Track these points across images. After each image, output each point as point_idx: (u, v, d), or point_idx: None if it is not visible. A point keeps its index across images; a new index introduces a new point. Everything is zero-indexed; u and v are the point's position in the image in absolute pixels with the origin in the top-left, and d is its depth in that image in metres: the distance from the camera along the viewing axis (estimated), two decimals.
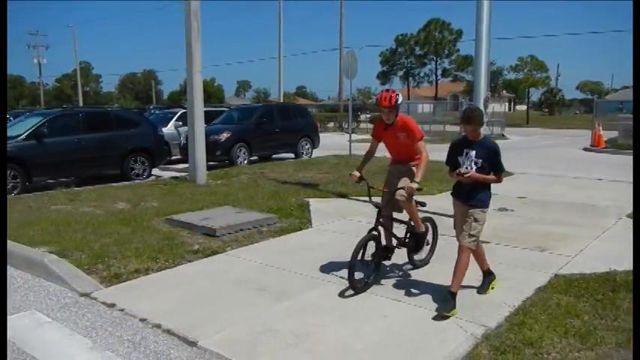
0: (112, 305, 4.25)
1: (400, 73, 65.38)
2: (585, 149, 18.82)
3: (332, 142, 20.37)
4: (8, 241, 5.87)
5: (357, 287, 4.32)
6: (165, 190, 9.56)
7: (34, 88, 75.61)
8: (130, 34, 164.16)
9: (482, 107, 7.14)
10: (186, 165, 12.01)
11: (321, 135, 17.83)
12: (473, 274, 4.79)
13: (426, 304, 4.10)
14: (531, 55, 51.77)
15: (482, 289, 4.35)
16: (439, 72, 63.52)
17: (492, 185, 4.17)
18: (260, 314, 3.99)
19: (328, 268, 5.02)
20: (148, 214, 7.33)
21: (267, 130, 15.29)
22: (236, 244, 5.96)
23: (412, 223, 4.88)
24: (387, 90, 4.56)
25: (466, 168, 3.99)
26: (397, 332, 3.64)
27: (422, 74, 65.07)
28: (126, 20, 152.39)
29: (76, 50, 47.34)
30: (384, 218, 4.66)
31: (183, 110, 15.13)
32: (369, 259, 4.51)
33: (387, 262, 4.92)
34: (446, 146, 4.42)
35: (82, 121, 11.38)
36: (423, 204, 4.87)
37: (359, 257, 4.30)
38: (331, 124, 33.35)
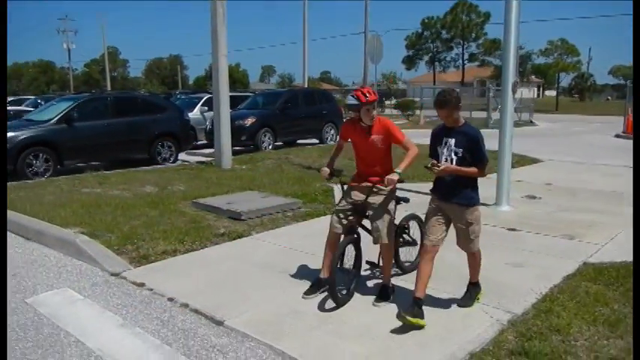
0: (141, 285, 4.36)
1: (426, 57, 64.40)
2: (617, 136, 18.31)
3: None
4: (42, 222, 6.07)
5: (339, 300, 3.82)
6: (192, 175, 9.69)
7: (63, 73, 77.14)
8: (156, 18, 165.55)
9: (510, 93, 6.99)
10: (211, 150, 12.13)
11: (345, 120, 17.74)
12: (500, 260, 4.76)
13: (451, 290, 4.09)
14: (562, 39, 50.33)
15: (464, 300, 3.84)
16: (466, 56, 62.35)
17: (514, 171, 4.06)
18: (284, 296, 4.04)
19: None
20: (175, 198, 7.46)
21: (292, 116, 15.30)
22: (261, 227, 6.02)
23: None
24: (361, 86, 4.06)
25: (445, 159, 3.52)
26: None
27: (448, 59, 64.05)
28: (152, 5, 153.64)
29: (104, 36, 47.95)
30: (363, 218, 4.06)
31: (209, 95, 15.25)
32: (348, 266, 4.04)
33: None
34: None
35: (111, 105, 11.58)
36: (406, 200, 4.25)
37: (338, 265, 3.87)
38: None
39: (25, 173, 9.72)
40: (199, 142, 15.09)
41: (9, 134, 9.86)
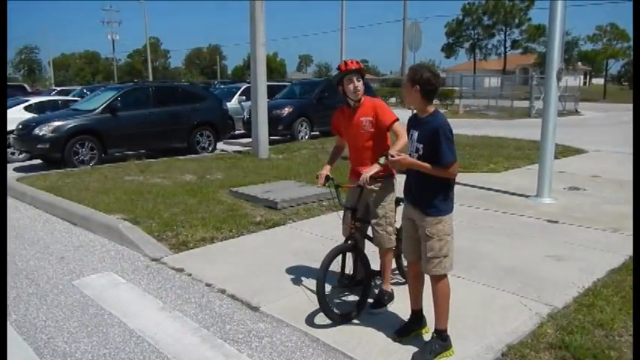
0: (181, 270, 4.48)
1: (466, 45, 62.80)
2: None
3: None
4: (88, 208, 6.31)
5: (335, 317, 3.38)
6: (229, 164, 9.84)
7: (108, 64, 79.50)
8: (196, 9, 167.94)
9: (554, 80, 6.74)
10: (249, 139, 12.26)
11: None
12: (539, 252, 4.64)
13: (489, 282, 4.02)
14: (611, 23, 48.16)
15: (420, 354, 2.96)
16: (508, 43, 60.45)
17: (558, 162, 3.55)
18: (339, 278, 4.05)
19: None
20: (213, 186, 7.60)
21: (329, 105, 15.18)
22: (297, 216, 6.07)
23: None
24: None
25: (409, 155, 2.93)
26: (457, 306, 3.57)
27: (489, 46, 62.19)
28: None
29: (147, 27, 48.86)
30: (360, 222, 3.61)
31: (247, 85, 15.40)
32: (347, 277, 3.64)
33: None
34: (513, 123, 4.17)
35: (152, 95, 11.86)
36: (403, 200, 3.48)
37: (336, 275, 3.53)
38: (393, 99, 32.84)
39: (71, 161, 10.11)
40: (237, 132, 15.28)
41: (57, 123, 10.27)
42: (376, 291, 3.77)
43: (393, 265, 3.86)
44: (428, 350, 2.97)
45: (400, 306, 3.59)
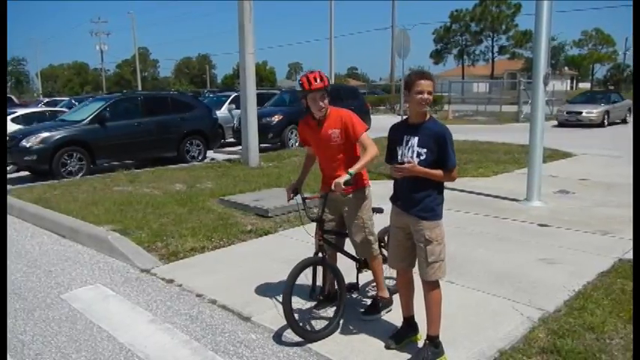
0: (171, 281, 4.43)
1: (454, 51, 63.29)
2: None
3: (383, 125, 20.16)
4: (76, 220, 6.24)
5: (305, 333, 3.28)
6: (220, 172, 9.80)
7: (96, 75, 79.15)
8: (185, 18, 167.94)
9: (541, 85, 6.81)
10: (239, 147, 12.24)
11: (372, 117, 17.63)
12: (530, 256, 4.65)
13: (482, 287, 4.02)
14: (597, 29, 48.95)
15: None
16: (496, 49, 61.04)
17: (546, 166, 3.68)
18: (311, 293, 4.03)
19: None
20: (203, 195, 7.55)
21: None
22: (287, 224, 6.04)
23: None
24: (311, 71, 3.39)
25: (408, 162, 2.91)
26: (450, 312, 3.56)
27: (477, 52, 62.67)
28: (181, 4, 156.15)
29: (135, 37, 48.94)
30: (329, 233, 3.54)
31: (237, 93, 15.39)
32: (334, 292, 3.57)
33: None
34: (502, 127, 4.18)
35: (141, 105, 11.79)
36: (380, 210, 3.60)
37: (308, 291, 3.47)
38: (382, 107, 32.98)
39: (59, 172, 9.99)
40: (227, 140, 15.24)
41: (45, 134, 10.17)
42: (370, 301, 3.74)
43: None
44: (420, 357, 2.98)
45: (392, 313, 3.58)
